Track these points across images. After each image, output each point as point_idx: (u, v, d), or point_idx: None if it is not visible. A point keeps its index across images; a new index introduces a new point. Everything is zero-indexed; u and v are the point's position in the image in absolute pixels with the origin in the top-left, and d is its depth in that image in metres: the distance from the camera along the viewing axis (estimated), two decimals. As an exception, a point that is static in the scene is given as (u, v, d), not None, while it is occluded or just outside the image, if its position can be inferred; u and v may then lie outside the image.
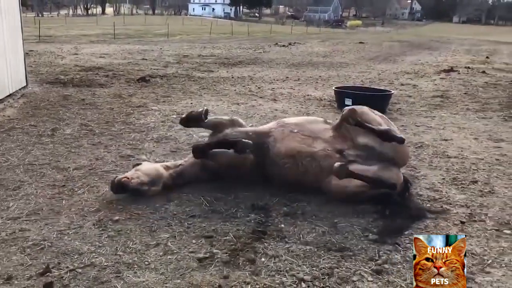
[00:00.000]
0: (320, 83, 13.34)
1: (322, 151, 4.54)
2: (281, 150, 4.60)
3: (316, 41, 36.42)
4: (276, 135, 4.71)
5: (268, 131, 4.79)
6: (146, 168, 4.68)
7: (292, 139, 4.63)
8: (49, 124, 7.39)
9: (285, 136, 4.67)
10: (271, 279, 3.22)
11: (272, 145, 4.65)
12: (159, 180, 4.63)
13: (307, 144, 4.58)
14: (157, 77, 13.10)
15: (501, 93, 12.41)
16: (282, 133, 4.70)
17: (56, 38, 29.91)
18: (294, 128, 4.72)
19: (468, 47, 34.85)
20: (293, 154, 4.56)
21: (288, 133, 4.69)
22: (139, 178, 4.49)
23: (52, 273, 3.20)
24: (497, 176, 5.60)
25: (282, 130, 4.74)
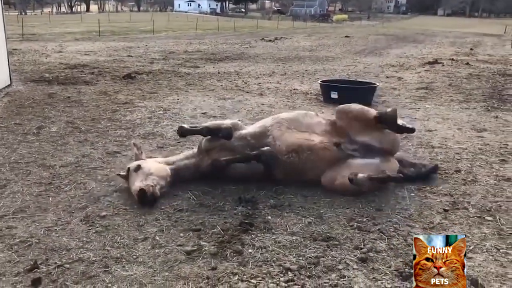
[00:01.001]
0: (306, 77, 13.40)
1: (320, 143, 4.64)
2: (282, 148, 4.64)
3: (302, 36, 36.47)
4: (275, 134, 4.72)
5: (265, 131, 4.78)
6: (157, 169, 4.58)
7: (290, 135, 4.69)
8: (34, 122, 7.34)
9: (283, 133, 4.71)
10: (258, 270, 3.27)
11: (273, 144, 4.67)
12: (169, 179, 4.62)
13: (305, 138, 4.66)
14: (143, 74, 13.05)
15: (485, 84, 12.58)
16: (279, 131, 4.72)
17: (40, 36, 29.58)
18: (290, 124, 4.77)
19: (452, 40, 35.19)
20: (294, 149, 4.62)
21: (285, 129, 4.73)
22: (159, 183, 4.43)
23: (40, 269, 3.21)
24: (480, 165, 5.70)
25: (279, 127, 4.76)
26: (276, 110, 8.76)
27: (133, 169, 4.57)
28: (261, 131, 4.81)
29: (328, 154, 4.61)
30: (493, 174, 5.38)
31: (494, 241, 3.76)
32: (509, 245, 3.71)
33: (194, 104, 9.17)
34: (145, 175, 4.46)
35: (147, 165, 4.61)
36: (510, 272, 3.30)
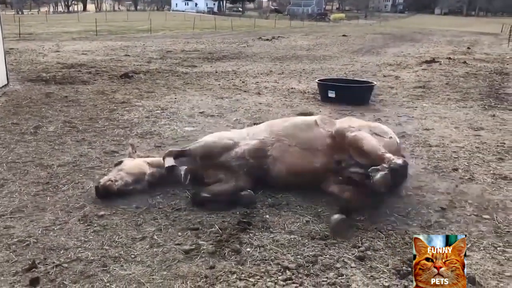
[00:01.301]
0: (303, 76, 13.40)
1: (323, 166, 4.48)
2: (283, 171, 4.51)
3: (299, 35, 36.48)
4: (275, 154, 4.55)
5: (265, 149, 4.58)
6: (129, 167, 4.64)
7: (292, 155, 4.50)
8: (31, 121, 7.33)
9: (284, 153, 4.53)
10: (256, 268, 3.28)
11: (272, 164, 4.54)
12: (143, 178, 4.61)
13: (307, 161, 4.48)
14: (141, 73, 13.04)
15: (482, 82, 12.62)
16: (280, 151, 4.54)
17: (37, 35, 29.50)
18: (291, 141, 4.56)
19: (449, 38, 35.25)
20: (295, 173, 4.48)
21: (286, 148, 4.54)
22: (123, 179, 4.48)
23: (38, 269, 3.21)
24: (477, 164, 5.72)
25: (279, 146, 4.56)
26: (274, 109, 8.77)
27: (115, 164, 4.79)
28: (260, 149, 4.60)
29: (329, 174, 4.52)
30: (490, 172, 5.40)
31: (491, 239, 3.78)
32: (506, 243, 3.73)
33: (191, 103, 9.16)
34: (117, 170, 4.58)
35: (126, 162, 4.73)
36: (507, 270, 3.32)
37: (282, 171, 4.53)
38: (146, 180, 4.62)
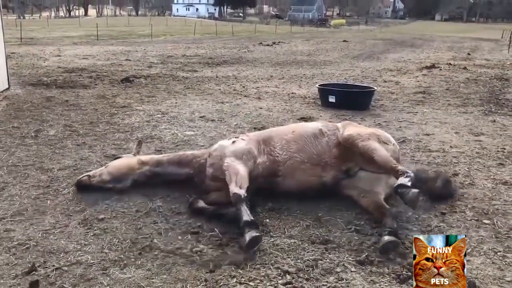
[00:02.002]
0: (304, 81, 13.43)
1: (332, 179, 4.45)
2: (292, 187, 4.46)
3: (300, 40, 36.57)
4: (285, 172, 4.43)
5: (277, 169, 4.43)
6: (115, 165, 4.72)
7: (302, 172, 4.41)
8: (32, 125, 7.34)
9: (295, 171, 4.42)
10: (256, 272, 3.27)
11: (282, 182, 4.48)
12: (126, 178, 4.62)
13: (317, 176, 4.43)
14: (141, 78, 13.06)
15: (482, 88, 12.64)
16: (291, 168, 4.42)
17: (38, 40, 29.59)
18: (302, 157, 4.43)
19: (450, 44, 35.33)
20: (304, 188, 4.44)
21: (298, 166, 4.41)
22: (101, 176, 4.59)
23: (38, 272, 3.21)
24: (477, 169, 5.72)
25: (291, 164, 4.42)
26: (274, 113, 8.78)
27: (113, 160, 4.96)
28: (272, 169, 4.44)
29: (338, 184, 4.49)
30: (490, 177, 5.40)
31: (492, 244, 3.78)
32: (507, 248, 3.72)
33: (192, 107, 9.18)
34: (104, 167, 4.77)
35: (116, 160, 4.87)
36: (507, 275, 3.31)
37: (291, 187, 4.47)
38: (132, 179, 4.64)
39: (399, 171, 4.02)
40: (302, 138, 4.58)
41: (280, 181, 4.48)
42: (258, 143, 4.61)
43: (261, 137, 4.71)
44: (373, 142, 4.36)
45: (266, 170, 4.44)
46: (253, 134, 4.98)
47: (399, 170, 4.03)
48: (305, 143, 4.52)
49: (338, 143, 4.52)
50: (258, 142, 4.61)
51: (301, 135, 4.60)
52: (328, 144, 4.53)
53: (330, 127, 4.74)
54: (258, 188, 4.40)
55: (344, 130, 4.63)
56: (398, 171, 4.03)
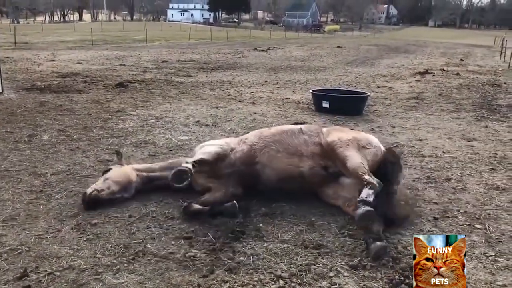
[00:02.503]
0: (298, 87, 13.47)
1: (309, 169, 4.53)
2: (272, 177, 4.55)
3: (294, 46, 36.70)
4: (263, 160, 4.58)
5: (253, 155, 4.62)
6: (116, 176, 4.63)
7: (279, 160, 4.55)
8: (26, 130, 7.31)
9: (272, 159, 4.56)
10: (249, 277, 3.27)
11: (262, 171, 4.58)
12: (130, 186, 4.64)
13: (295, 165, 4.55)
14: (136, 82, 13.06)
15: (474, 94, 12.74)
16: (268, 156, 4.57)
17: (32, 44, 29.52)
18: (277, 147, 4.61)
19: (443, 50, 35.58)
20: (284, 178, 4.52)
21: (274, 154, 4.58)
22: (109, 188, 4.49)
23: (29, 277, 3.20)
24: (469, 174, 5.76)
25: (267, 152, 4.60)
26: (269, 119, 8.81)
27: (103, 171, 4.79)
28: (249, 155, 4.64)
29: (317, 179, 4.57)
30: (482, 182, 5.44)
31: (483, 249, 3.80)
32: (498, 252, 3.75)
33: (186, 112, 9.18)
34: (104, 179, 4.58)
35: (114, 169, 4.73)
36: (499, 279, 3.33)
37: (271, 177, 4.56)
38: (134, 187, 4.65)
39: (364, 181, 4.09)
40: (278, 131, 4.83)
41: (260, 169, 4.59)
42: (239, 139, 4.96)
43: (243, 137, 5.05)
44: (350, 149, 4.45)
45: (243, 155, 4.64)
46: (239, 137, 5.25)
47: (364, 180, 4.11)
48: (281, 136, 4.72)
49: (318, 143, 4.65)
50: (239, 139, 4.96)
51: (278, 131, 4.84)
52: (306, 141, 4.68)
53: (312, 128, 4.95)
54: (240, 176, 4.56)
55: (328, 135, 4.72)
56: (363, 180, 4.11)
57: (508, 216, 4.47)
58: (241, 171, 4.60)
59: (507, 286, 3.27)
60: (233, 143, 4.85)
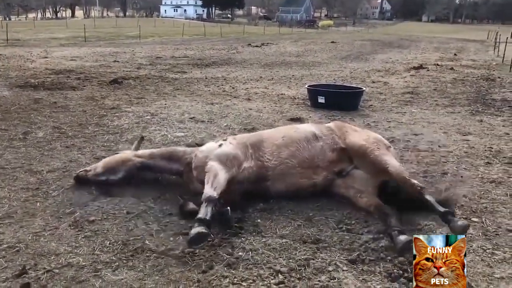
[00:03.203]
0: (293, 82, 13.47)
1: (323, 179, 4.49)
2: (282, 190, 4.46)
3: (288, 41, 36.66)
4: (275, 177, 4.42)
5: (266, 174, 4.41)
6: (108, 159, 4.97)
7: (293, 176, 4.41)
8: (20, 127, 7.26)
9: (286, 175, 4.41)
10: (248, 272, 3.28)
11: (272, 186, 4.46)
12: (118, 170, 4.78)
13: (308, 178, 4.45)
14: (130, 79, 13.00)
15: (469, 88, 12.79)
16: (281, 173, 4.40)
17: (25, 41, 29.30)
18: (293, 163, 4.42)
19: (437, 45, 35.66)
20: (294, 190, 4.44)
21: (288, 170, 4.41)
22: (95, 169, 4.82)
23: (28, 274, 3.18)
24: (466, 168, 5.79)
25: (281, 169, 4.41)
26: (264, 114, 8.80)
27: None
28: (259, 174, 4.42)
29: (329, 184, 4.53)
30: (478, 176, 5.47)
31: (481, 242, 3.83)
32: (495, 245, 3.78)
33: (181, 109, 9.16)
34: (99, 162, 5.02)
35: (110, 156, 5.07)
36: (496, 272, 3.36)
37: (281, 190, 4.47)
38: (124, 171, 4.79)
39: (417, 186, 4.01)
40: (294, 143, 4.54)
41: (270, 185, 4.47)
42: (246, 147, 4.56)
43: (250, 141, 4.66)
44: (383, 151, 4.40)
45: (253, 175, 4.42)
46: (241, 136, 4.91)
47: (416, 185, 4.02)
48: (297, 149, 4.50)
49: (334, 147, 4.54)
50: (246, 146, 4.57)
51: (293, 141, 4.56)
52: (323, 148, 4.54)
53: (324, 131, 4.73)
54: (247, 192, 4.43)
55: (345, 136, 4.63)
56: (415, 185, 4.02)
57: (504, 209, 4.50)
58: (248, 188, 4.44)
59: (504, 278, 3.29)
60: (239, 156, 4.45)
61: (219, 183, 4.06)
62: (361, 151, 4.45)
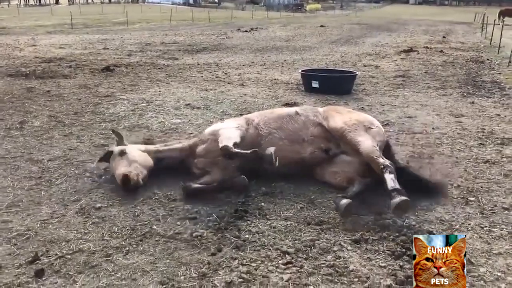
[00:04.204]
0: (285, 67, 13.49)
1: (310, 154, 4.68)
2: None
3: (277, 26, 36.48)
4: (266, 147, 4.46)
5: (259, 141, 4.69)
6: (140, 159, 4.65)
7: (282, 148, 4.56)
8: (16, 117, 7.24)
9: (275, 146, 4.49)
10: (257, 254, 3.38)
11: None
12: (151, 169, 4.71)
13: (296, 151, 4.68)
14: (122, 66, 12.92)
15: (459, 71, 12.92)
16: (271, 143, 4.57)
17: (10, 29, 28.77)
18: (280, 134, 4.73)
19: (425, 28, 35.71)
20: (286, 163, 4.51)
21: (277, 141, 4.65)
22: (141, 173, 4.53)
23: (41, 261, 3.25)
24: (460, 149, 5.93)
25: (271, 139, 4.68)
26: (259, 100, 8.85)
27: (117, 153, 4.66)
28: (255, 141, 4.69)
29: (318, 161, 4.71)
30: (472, 157, 5.61)
31: (478, 220, 3.96)
32: (492, 223, 3.92)
33: (176, 95, 9.17)
34: (130, 161, 4.56)
35: (132, 152, 4.69)
36: (494, 248, 3.50)
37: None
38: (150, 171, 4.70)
39: (380, 164, 4.15)
40: (279, 118, 4.90)
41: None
42: (245, 118, 5.07)
43: (246, 116, 5.20)
44: (360, 133, 4.57)
45: (251, 139, 4.70)
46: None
47: (380, 163, 4.17)
48: (282, 122, 4.84)
49: (317, 123, 4.81)
50: (245, 118, 5.09)
51: (278, 115, 4.95)
52: (304, 123, 4.82)
53: (308, 109, 5.11)
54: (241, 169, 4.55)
55: (328, 117, 4.86)
56: (379, 164, 4.17)
57: (499, 188, 4.65)
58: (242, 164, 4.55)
59: (502, 254, 3.43)
60: (242, 123, 4.89)
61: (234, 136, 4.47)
62: (339, 133, 4.67)
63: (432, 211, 4.14)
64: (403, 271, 3.17)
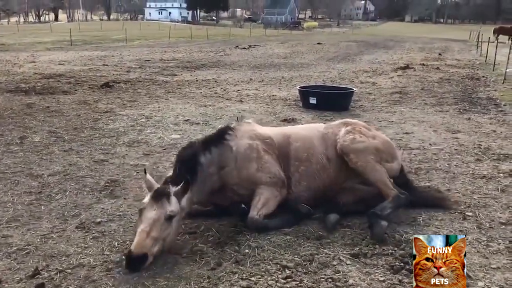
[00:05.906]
0: (283, 84, 13.61)
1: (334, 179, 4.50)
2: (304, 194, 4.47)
3: (275, 43, 36.83)
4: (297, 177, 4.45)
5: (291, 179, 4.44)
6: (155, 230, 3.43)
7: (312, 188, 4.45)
8: (16, 132, 7.28)
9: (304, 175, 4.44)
10: (256, 268, 3.39)
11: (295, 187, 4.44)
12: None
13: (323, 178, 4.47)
14: (121, 83, 13.01)
15: (455, 87, 13.06)
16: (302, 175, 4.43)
17: (9, 46, 28.97)
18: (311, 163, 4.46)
19: (421, 45, 36.13)
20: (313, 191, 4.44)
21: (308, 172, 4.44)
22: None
23: (41, 275, 3.26)
24: (457, 165, 5.97)
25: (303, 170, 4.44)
26: (258, 115, 8.91)
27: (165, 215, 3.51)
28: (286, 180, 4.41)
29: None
30: (469, 172, 5.65)
31: (475, 235, 3.99)
32: (489, 237, 3.94)
33: (175, 111, 9.23)
34: (162, 233, 3.45)
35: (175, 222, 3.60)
36: (492, 263, 3.52)
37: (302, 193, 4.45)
38: None
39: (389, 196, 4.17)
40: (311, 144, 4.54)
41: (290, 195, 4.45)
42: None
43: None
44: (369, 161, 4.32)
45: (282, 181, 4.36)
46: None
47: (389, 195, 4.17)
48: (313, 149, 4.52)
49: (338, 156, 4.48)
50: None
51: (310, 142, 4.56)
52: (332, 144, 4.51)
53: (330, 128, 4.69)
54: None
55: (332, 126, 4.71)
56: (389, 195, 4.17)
57: (496, 204, 4.68)
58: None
59: (500, 268, 3.45)
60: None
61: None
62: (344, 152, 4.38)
63: (430, 225, 4.17)
64: (402, 285, 3.18)
